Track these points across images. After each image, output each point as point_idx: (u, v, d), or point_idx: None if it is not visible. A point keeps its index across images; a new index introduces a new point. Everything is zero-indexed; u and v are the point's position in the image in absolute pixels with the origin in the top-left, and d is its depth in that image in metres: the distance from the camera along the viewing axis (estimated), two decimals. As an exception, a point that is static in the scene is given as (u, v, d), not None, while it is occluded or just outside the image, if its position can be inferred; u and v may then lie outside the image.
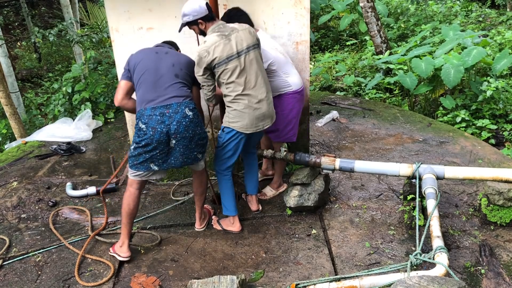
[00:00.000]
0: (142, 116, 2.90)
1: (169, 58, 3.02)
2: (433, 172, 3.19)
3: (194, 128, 2.97)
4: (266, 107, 3.15)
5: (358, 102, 6.07)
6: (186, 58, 3.11)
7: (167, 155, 2.98)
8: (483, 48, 5.41)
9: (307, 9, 3.68)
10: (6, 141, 6.20)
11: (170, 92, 2.92)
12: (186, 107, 2.92)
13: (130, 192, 3.09)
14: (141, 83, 2.95)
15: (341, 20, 8.52)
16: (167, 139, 2.91)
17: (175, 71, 2.98)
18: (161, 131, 2.87)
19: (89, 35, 7.10)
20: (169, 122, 2.87)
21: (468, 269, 2.90)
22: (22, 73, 10.03)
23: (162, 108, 2.88)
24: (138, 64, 2.98)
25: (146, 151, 2.93)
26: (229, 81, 3.02)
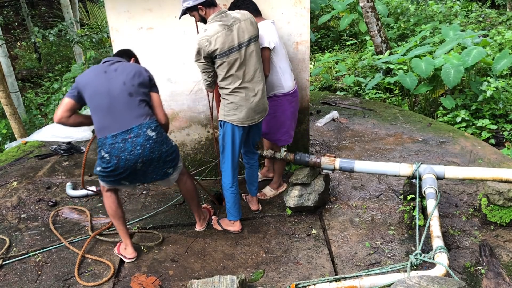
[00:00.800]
0: (104, 145, 2.80)
1: (119, 76, 2.85)
2: (433, 172, 3.19)
3: (160, 148, 2.88)
4: (262, 99, 3.14)
5: (358, 102, 6.07)
6: (135, 70, 2.92)
7: (135, 174, 2.92)
8: (483, 48, 5.42)
9: (307, 9, 3.68)
10: (6, 141, 6.21)
11: (127, 115, 2.80)
12: (147, 128, 2.83)
13: (106, 196, 3.08)
14: (96, 109, 2.83)
15: (341, 20, 8.53)
16: (133, 164, 2.83)
17: (128, 89, 2.83)
18: (125, 158, 2.79)
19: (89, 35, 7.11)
20: (132, 147, 2.79)
21: (468, 269, 2.90)
22: (22, 73, 10.03)
23: (123, 134, 2.78)
24: (88, 86, 2.84)
25: (113, 175, 2.88)
26: (228, 74, 2.98)
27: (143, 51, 3.73)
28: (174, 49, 3.72)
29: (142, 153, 2.81)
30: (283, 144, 3.67)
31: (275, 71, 3.39)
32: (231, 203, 3.35)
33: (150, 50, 3.73)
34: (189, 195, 3.33)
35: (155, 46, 3.72)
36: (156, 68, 3.78)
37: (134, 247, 3.19)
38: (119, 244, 3.23)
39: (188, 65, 3.80)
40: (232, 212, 3.39)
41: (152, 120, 2.88)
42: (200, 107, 3.95)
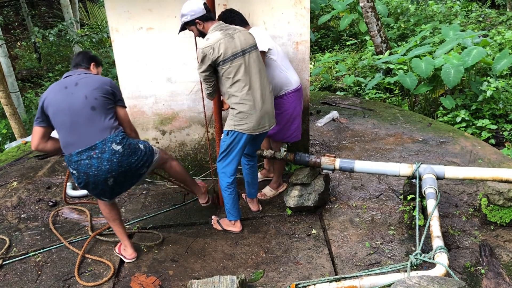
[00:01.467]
0: (70, 162, 2.76)
1: (80, 90, 2.76)
2: (433, 172, 3.19)
3: (128, 159, 2.81)
4: (270, 107, 3.16)
5: (358, 102, 6.07)
6: (98, 82, 2.82)
7: (111, 189, 2.88)
8: (483, 48, 5.42)
9: (307, 9, 3.68)
10: (6, 141, 6.21)
11: (90, 131, 2.73)
12: (112, 143, 2.74)
13: (100, 201, 3.07)
14: (59, 127, 2.77)
15: (341, 20, 8.53)
16: (104, 180, 2.78)
17: (90, 103, 2.74)
18: (94, 174, 2.74)
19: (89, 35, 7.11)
20: (98, 163, 2.72)
21: (468, 269, 2.90)
22: (22, 73, 10.03)
23: (87, 151, 2.72)
24: (50, 105, 2.76)
25: (89, 190, 2.89)
26: (235, 79, 2.99)
27: (143, 51, 3.73)
28: (174, 49, 3.72)
29: (110, 168, 2.75)
30: (294, 140, 3.70)
31: (279, 70, 3.42)
32: (230, 204, 3.35)
33: (150, 50, 3.73)
34: (180, 177, 3.30)
35: (155, 46, 3.72)
36: (156, 68, 3.79)
37: (134, 247, 3.18)
38: (120, 244, 3.23)
39: (188, 65, 3.80)
40: (232, 212, 3.39)
41: (117, 133, 2.78)
42: (200, 107, 3.96)
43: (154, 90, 3.86)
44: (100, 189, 2.84)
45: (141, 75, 3.79)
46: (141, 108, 3.91)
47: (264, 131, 3.17)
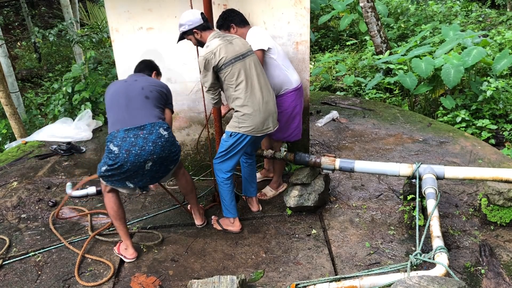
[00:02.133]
0: (115, 138, 2.82)
1: (138, 83, 3.03)
2: (433, 172, 3.19)
3: (170, 147, 2.94)
4: (273, 108, 3.20)
5: (358, 102, 6.07)
6: (155, 82, 3.10)
7: (143, 175, 2.93)
8: (483, 48, 5.42)
9: (307, 9, 3.68)
10: (6, 141, 6.20)
11: (142, 113, 2.90)
12: (160, 127, 2.89)
13: (108, 196, 3.07)
14: (112, 106, 2.96)
15: (341, 20, 8.53)
16: (143, 162, 2.84)
17: (145, 93, 2.96)
18: (135, 153, 2.80)
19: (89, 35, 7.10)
20: (143, 143, 2.81)
21: (468, 269, 2.90)
22: (22, 73, 10.03)
23: (135, 129, 2.83)
24: (108, 92, 3.04)
25: (119, 173, 2.87)
26: (238, 81, 3.04)
27: (143, 51, 3.73)
28: (174, 49, 3.72)
29: (153, 150, 2.84)
30: (294, 139, 3.71)
31: (279, 69, 3.43)
32: (228, 199, 3.35)
33: (150, 50, 3.73)
34: (188, 188, 3.35)
35: (155, 46, 3.72)
36: (156, 68, 3.79)
37: (134, 247, 3.18)
38: (119, 244, 3.23)
39: (188, 65, 3.80)
40: (229, 209, 3.39)
41: (165, 122, 2.96)
42: (200, 107, 3.96)
43: (154, 90, 3.86)
44: (134, 171, 2.87)
45: (141, 75, 3.79)
46: (141, 108, 3.91)
47: (268, 131, 3.20)
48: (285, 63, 3.48)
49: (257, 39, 3.32)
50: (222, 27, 3.40)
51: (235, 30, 3.40)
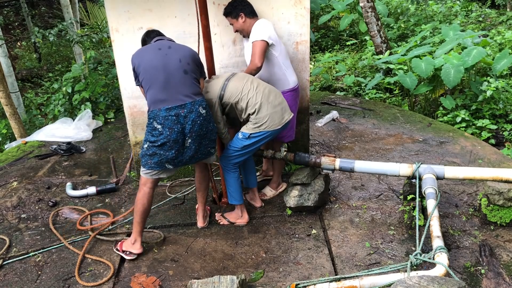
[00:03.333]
0: (157, 116, 2.89)
1: (174, 53, 2.97)
2: (433, 172, 3.19)
3: (207, 125, 3.02)
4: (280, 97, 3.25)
5: (358, 102, 6.07)
6: (189, 50, 3.07)
7: (182, 154, 3.00)
8: (483, 48, 5.41)
9: (307, 9, 3.68)
10: (6, 141, 6.20)
11: (182, 91, 2.92)
12: (199, 106, 2.95)
13: (144, 192, 3.10)
14: (151, 82, 2.93)
15: (341, 20, 8.52)
16: (183, 138, 2.94)
17: (183, 67, 2.95)
18: (178, 131, 2.89)
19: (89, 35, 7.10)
20: (184, 121, 2.90)
21: (468, 269, 2.90)
22: (22, 73, 10.03)
23: (177, 108, 2.89)
24: (142, 61, 2.95)
25: (161, 151, 2.94)
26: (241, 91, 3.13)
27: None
28: (174, 49, 3.72)
29: (192, 127, 2.92)
30: (288, 140, 3.72)
31: (279, 67, 3.45)
32: (235, 186, 3.39)
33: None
34: (204, 184, 3.39)
35: (155, 46, 3.72)
36: (156, 68, 3.79)
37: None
38: (122, 242, 3.23)
39: (188, 65, 3.79)
40: (235, 195, 3.43)
41: (203, 99, 3.02)
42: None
43: (154, 90, 3.85)
44: (175, 150, 2.94)
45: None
46: (141, 108, 3.91)
47: (286, 122, 3.24)
48: (285, 62, 3.49)
49: (262, 30, 3.32)
50: (230, 15, 3.39)
51: (243, 20, 3.38)
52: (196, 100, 2.95)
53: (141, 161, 3.05)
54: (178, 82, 2.93)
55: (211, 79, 3.28)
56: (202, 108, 2.97)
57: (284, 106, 3.25)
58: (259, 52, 3.29)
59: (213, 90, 3.17)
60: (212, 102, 3.15)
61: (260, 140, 3.23)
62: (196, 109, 2.93)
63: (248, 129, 3.19)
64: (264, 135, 3.20)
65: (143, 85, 2.99)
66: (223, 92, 3.16)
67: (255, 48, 3.29)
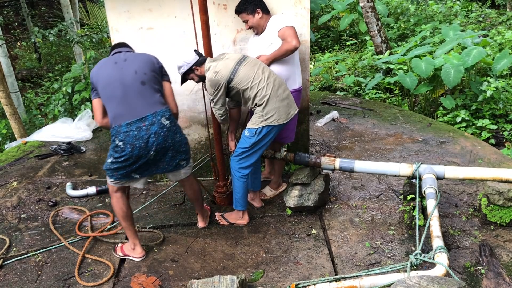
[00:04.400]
0: (119, 133, 2.81)
1: (130, 65, 2.88)
2: (433, 172, 3.19)
3: (173, 136, 2.90)
4: (287, 92, 3.23)
5: (358, 102, 6.07)
6: (145, 59, 2.95)
7: (148, 164, 2.93)
8: (483, 48, 5.41)
9: (307, 9, 3.68)
10: (6, 141, 6.20)
11: (141, 103, 2.83)
12: (162, 117, 2.85)
13: (117, 197, 3.05)
14: (109, 99, 2.85)
15: (341, 20, 8.52)
16: (147, 153, 2.84)
17: (140, 78, 2.85)
18: (139, 146, 2.80)
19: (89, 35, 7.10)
20: (146, 135, 2.80)
21: (468, 269, 2.90)
22: (22, 73, 10.03)
23: (137, 122, 2.80)
24: (100, 78, 2.88)
25: (125, 166, 2.87)
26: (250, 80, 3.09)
27: (143, 51, 3.72)
28: (174, 49, 3.72)
29: (156, 140, 2.83)
30: (288, 141, 3.72)
31: (292, 64, 3.46)
32: (242, 193, 3.38)
33: (150, 50, 3.71)
34: (195, 196, 3.34)
35: (155, 46, 3.72)
36: (156, 68, 3.79)
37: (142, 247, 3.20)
38: (122, 246, 3.23)
39: (188, 65, 3.79)
40: (241, 202, 3.42)
41: (166, 109, 2.90)
42: (200, 107, 3.95)
43: (154, 90, 3.85)
44: (140, 163, 2.87)
45: (141, 75, 3.79)
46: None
47: (292, 116, 3.23)
48: (297, 61, 3.51)
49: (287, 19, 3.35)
50: (246, 11, 3.35)
51: (259, 16, 3.35)
52: (158, 111, 2.84)
53: (106, 173, 2.98)
54: (136, 94, 2.83)
55: (218, 59, 3.17)
56: (165, 119, 2.86)
57: (290, 100, 3.23)
58: (294, 34, 3.27)
59: (223, 73, 3.07)
60: (220, 84, 3.08)
61: (267, 136, 3.20)
62: (158, 120, 2.82)
63: (254, 124, 3.17)
64: (270, 130, 3.18)
65: (103, 102, 2.89)
66: (232, 76, 3.08)
67: (288, 31, 3.26)
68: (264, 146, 3.27)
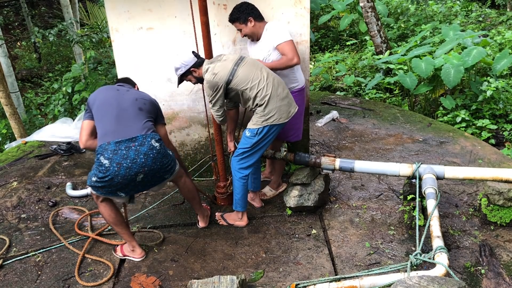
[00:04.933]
0: (105, 150, 2.75)
1: (131, 94, 2.98)
2: (433, 172, 3.19)
3: (162, 159, 2.88)
4: (287, 91, 3.23)
5: (358, 102, 6.07)
6: (148, 97, 3.06)
7: (134, 185, 2.87)
8: (483, 48, 5.41)
9: (307, 9, 3.68)
10: (6, 141, 6.21)
11: (134, 125, 2.83)
12: (152, 139, 2.84)
13: (103, 206, 3.01)
14: (102, 117, 2.85)
15: (341, 20, 8.52)
16: (134, 174, 2.78)
17: (138, 104, 2.91)
18: (127, 166, 2.74)
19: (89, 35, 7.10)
20: (135, 155, 2.76)
21: (468, 269, 2.90)
22: (22, 73, 10.03)
23: (127, 142, 2.77)
24: (97, 99, 2.92)
25: (110, 185, 2.81)
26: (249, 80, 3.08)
27: (143, 51, 3.73)
28: (174, 49, 3.72)
29: (145, 162, 2.79)
30: (294, 140, 3.73)
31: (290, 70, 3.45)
32: (241, 194, 3.37)
33: (150, 50, 3.73)
34: (190, 195, 3.33)
35: (155, 46, 3.72)
36: (156, 68, 3.79)
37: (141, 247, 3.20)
38: (121, 247, 3.23)
39: (188, 65, 3.79)
40: (241, 203, 3.41)
41: (156, 134, 2.92)
42: (200, 107, 3.95)
43: (154, 90, 3.85)
44: (125, 184, 2.81)
45: (141, 75, 3.79)
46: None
47: (292, 115, 3.23)
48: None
49: (284, 30, 3.35)
50: (238, 20, 3.35)
51: (252, 24, 3.35)
52: (148, 134, 2.83)
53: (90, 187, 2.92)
54: (131, 117, 2.85)
55: (216, 60, 3.17)
56: (155, 141, 2.84)
57: (290, 98, 3.23)
58: (294, 50, 3.30)
59: (221, 75, 3.06)
60: (218, 86, 3.07)
61: (268, 135, 3.19)
62: (148, 142, 2.81)
63: (255, 124, 3.16)
64: (271, 129, 3.18)
65: (95, 120, 2.89)
66: (231, 77, 3.07)
67: (287, 47, 3.29)
68: (265, 146, 3.27)
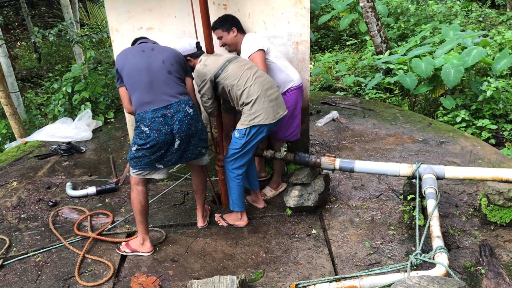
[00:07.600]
0: (144, 119, 2.89)
1: (158, 54, 2.99)
2: (433, 172, 3.19)
3: (196, 124, 3.01)
4: (277, 93, 3.23)
5: (358, 102, 6.07)
6: (172, 51, 3.10)
7: (171, 153, 3.00)
8: (483, 48, 5.41)
9: (307, 9, 3.68)
10: (6, 141, 6.20)
11: (167, 92, 2.92)
12: (186, 105, 2.95)
13: (138, 191, 3.11)
14: (135, 85, 2.93)
15: (341, 20, 8.52)
16: (172, 139, 2.93)
17: (167, 67, 2.96)
18: (165, 132, 2.89)
19: (89, 35, 7.10)
20: (171, 122, 2.89)
21: (468, 269, 2.90)
22: (22, 73, 10.03)
23: (163, 109, 2.89)
24: (126, 64, 2.97)
25: (150, 153, 2.95)
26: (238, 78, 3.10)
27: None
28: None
29: (180, 128, 2.91)
30: (294, 139, 3.73)
31: (278, 69, 3.47)
32: (238, 194, 3.37)
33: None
34: (201, 187, 3.39)
35: (155, 46, 3.72)
36: (156, 68, 3.79)
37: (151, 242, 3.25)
38: (127, 243, 3.24)
39: (188, 65, 3.79)
40: (237, 203, 3.41)
41: (189, 98, 3.01)
42: (200, 107, 3.95)
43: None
44: (164, 150, 2.95)
45: (141, 75, 3.79)
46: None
47: (281, 117, 3.23)
48: (283, 63, 3.51)
49: (254, 42, 3.38)
50: (222, 27, 3.41)
51: (234, 34, 3.42)
52: (182, 100, 2.94)
53: (130, 163, 3.05)
54: (162, 83, 2.93)
55: (213, 56, 3.24)
56: (189, 107, 2.96)
57: (280, 101, 3.23)
58: (261, 62, 3.33)
59: (211, 67, 3.13)
60: (206, 77, 3.13)
61: (256, 135, 3.19)
62: (183, 108, 2.93)
63: (243, 125, 3.17)
64: (259, 129, 3.17)
65: (128, 88, 2.98)
66: (220, 71, 3.12)
67: (255, 60, 3.33)
68: (255, 146, 3.28)
